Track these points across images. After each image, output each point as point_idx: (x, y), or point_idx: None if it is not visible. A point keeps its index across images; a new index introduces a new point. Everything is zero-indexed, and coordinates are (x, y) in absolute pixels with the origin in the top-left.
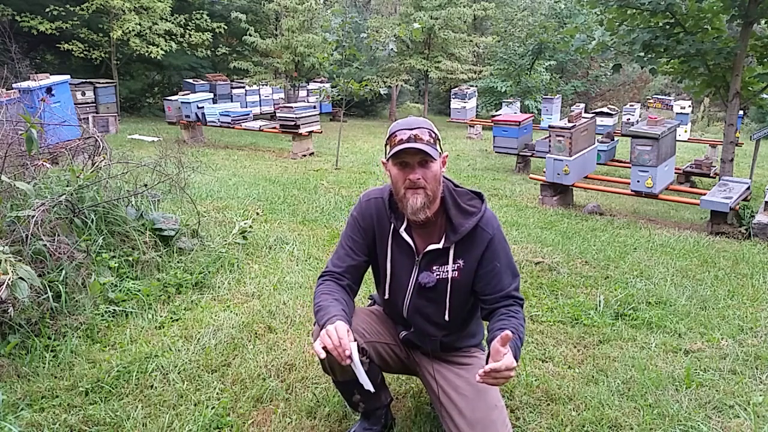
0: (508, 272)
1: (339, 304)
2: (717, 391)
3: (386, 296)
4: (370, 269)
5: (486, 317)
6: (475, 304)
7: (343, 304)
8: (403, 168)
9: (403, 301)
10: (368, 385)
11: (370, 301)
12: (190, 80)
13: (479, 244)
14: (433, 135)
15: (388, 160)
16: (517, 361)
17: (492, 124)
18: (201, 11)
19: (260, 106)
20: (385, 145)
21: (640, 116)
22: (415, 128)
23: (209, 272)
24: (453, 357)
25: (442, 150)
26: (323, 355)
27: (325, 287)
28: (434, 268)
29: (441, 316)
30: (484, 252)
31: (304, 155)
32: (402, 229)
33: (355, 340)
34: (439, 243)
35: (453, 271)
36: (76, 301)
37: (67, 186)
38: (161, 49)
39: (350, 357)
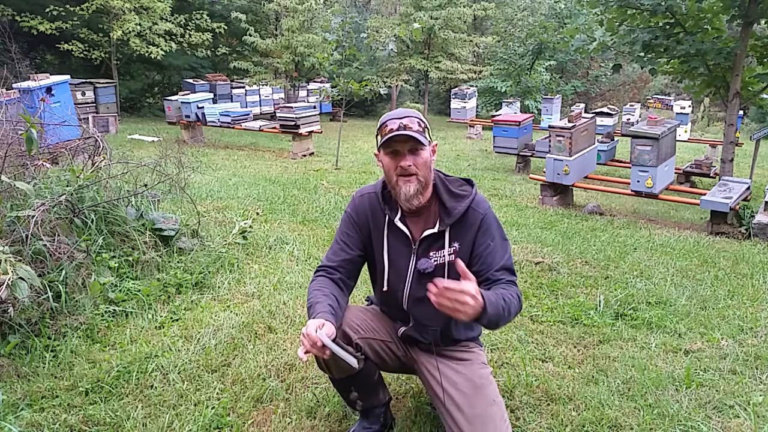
0: (502, 249)
1: (327, 299)
2: (717, 391)
3: (385, 288)
4: (366, 269)
5: None
6: None
7: (331, 299)
8: (394, 156)
9: (403, 291)
10: (352, 362)
11: (367, 303)
12: (190, 80)
13: (472, 225)
14: (422, 124)
15: (379, 150)
16: (488, 317)
17: (492, 124)
18: (201, 11)
19: (260, 106)
20: (376, 136)
21: (640, 116)
22: (404, 117)
23: (209, 272)
24: (451, 352)
25: (431, 139)
26: (305, 358)
27: (316, 283)
28: (431, 253)
29: None
30: (477, 232)
31: (304, 155)
32: (397, 219)
33: (346, 334)
34: (434, 227)
35: (449, 255)
36: (76, 301)
37: (67, 186)
38: (161, 49)
39: (324, 346)
